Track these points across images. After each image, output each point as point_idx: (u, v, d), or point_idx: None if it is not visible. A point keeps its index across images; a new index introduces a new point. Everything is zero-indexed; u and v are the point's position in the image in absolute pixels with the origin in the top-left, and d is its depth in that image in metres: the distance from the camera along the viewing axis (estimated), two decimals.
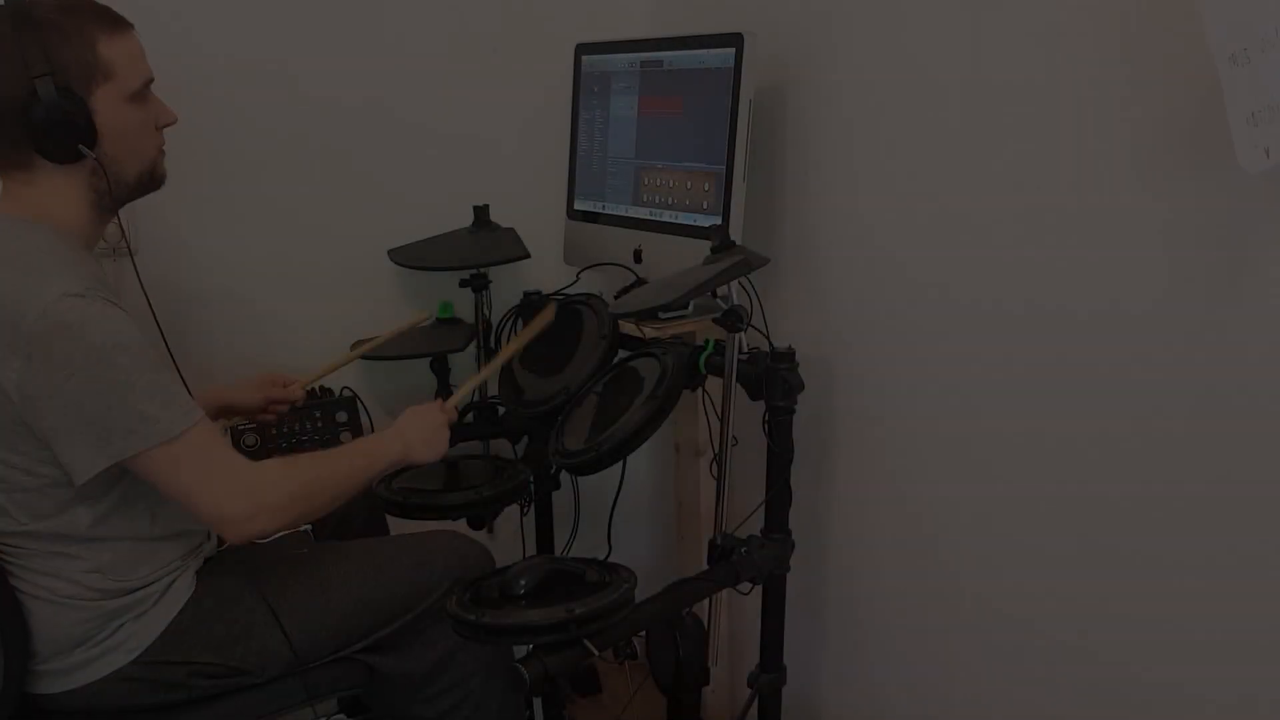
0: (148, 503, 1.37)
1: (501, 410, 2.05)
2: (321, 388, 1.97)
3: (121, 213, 1.42)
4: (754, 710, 1.68)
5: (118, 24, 1.34)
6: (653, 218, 1.83)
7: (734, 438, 1.60)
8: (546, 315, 1.78)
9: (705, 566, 1.59)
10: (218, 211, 1.87)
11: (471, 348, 2.04)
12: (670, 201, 1.80)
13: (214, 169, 1.84)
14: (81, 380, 1.21)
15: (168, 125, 1.42)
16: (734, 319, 1.49)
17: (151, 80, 1.39)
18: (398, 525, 1.80)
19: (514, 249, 1.93)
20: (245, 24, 1.83)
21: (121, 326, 1.24)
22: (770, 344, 1.57)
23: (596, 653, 1.30)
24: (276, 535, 1.43)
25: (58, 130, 1.29)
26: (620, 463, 1.57)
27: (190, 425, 1.27)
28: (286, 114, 1.89)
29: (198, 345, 1.89)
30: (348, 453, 1.48)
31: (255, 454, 1.82)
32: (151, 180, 1.42)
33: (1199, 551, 1.19)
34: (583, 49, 1.98)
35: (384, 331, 1.86)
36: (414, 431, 1.53)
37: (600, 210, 1.96)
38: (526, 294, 2.05)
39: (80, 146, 1.30)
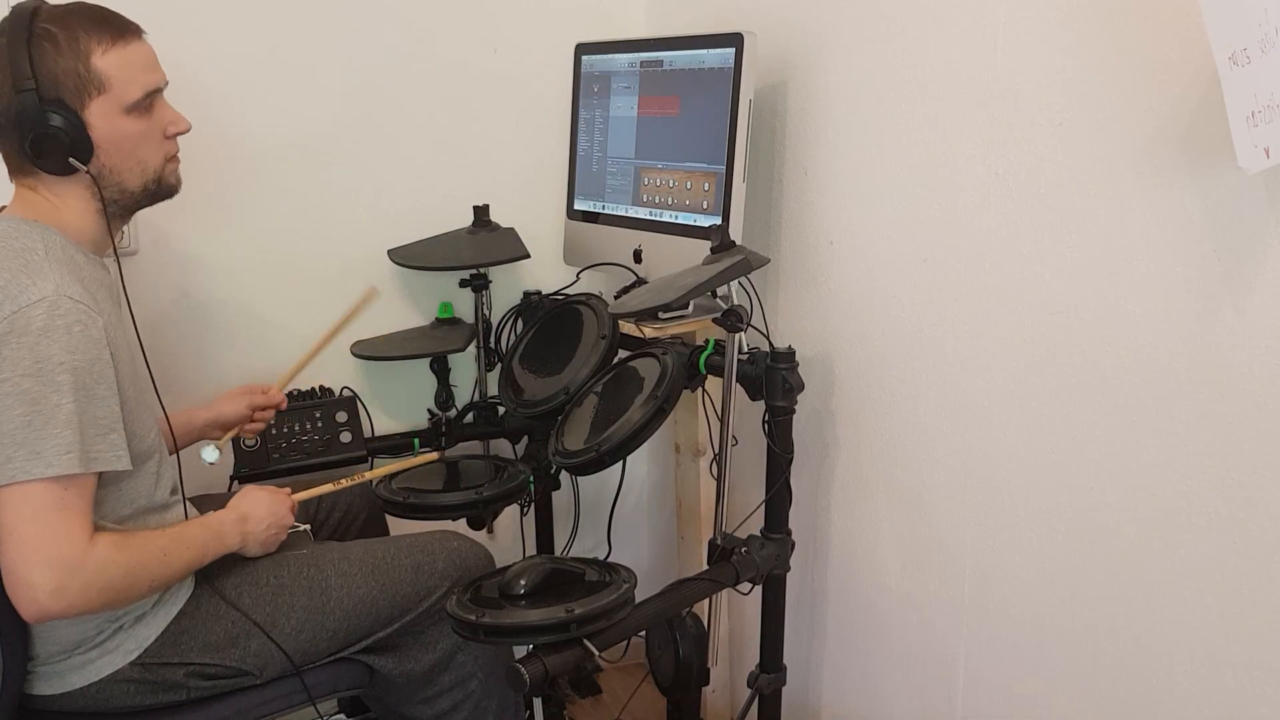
0: (139, 501, 1.37)
1: (501, 410, 2.05)
2: (321, 387, 1.97)
3: None
4: (754, 710, 1.68)
5: (121, 33, 1.32)
6: (653, 218, 1.83)
7: (734, 438, 1.60)
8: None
9: (705, 566, 1.60)
10: (217, 211, 1.87)
11: (472, 348, 2.04)
12: (670, 201, 1.80)
13: (213, 169, 1.83)
14: (12, 387, 1.19)
15: (180, 133, 1.40)
16: (734, 319, 1.49)
17: (159, 88, 1.37)
18: (397, 525, 1.80)
19: (514, 249, 1.93)
20: (245, 25, 1.83)
21: (82, 347, 1.22)
22: (770, 344, 1.57)
23: (596, 652, 1.30)
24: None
25: (46, 144, 1.27)
26: (620, 463, 1.57)
27: (77, 471, 1.21)
28: (286, 114, 1.89)
29: (198, 345, 1.89)
30: (184, 542, 1.37)
31: (254, 455, 1.83)
32: (160, 189, 1.40)
33: (1202, 551, 1.19)
34: (583, 49, 1.98)
35: (337, 318, 1.86)
36: (257, 527, 1.46)
37: (600, 210, 1.96)
38: (526, 294, 2.06)
39: (72, 160, 1.29)
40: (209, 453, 1.57)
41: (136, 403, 1.34)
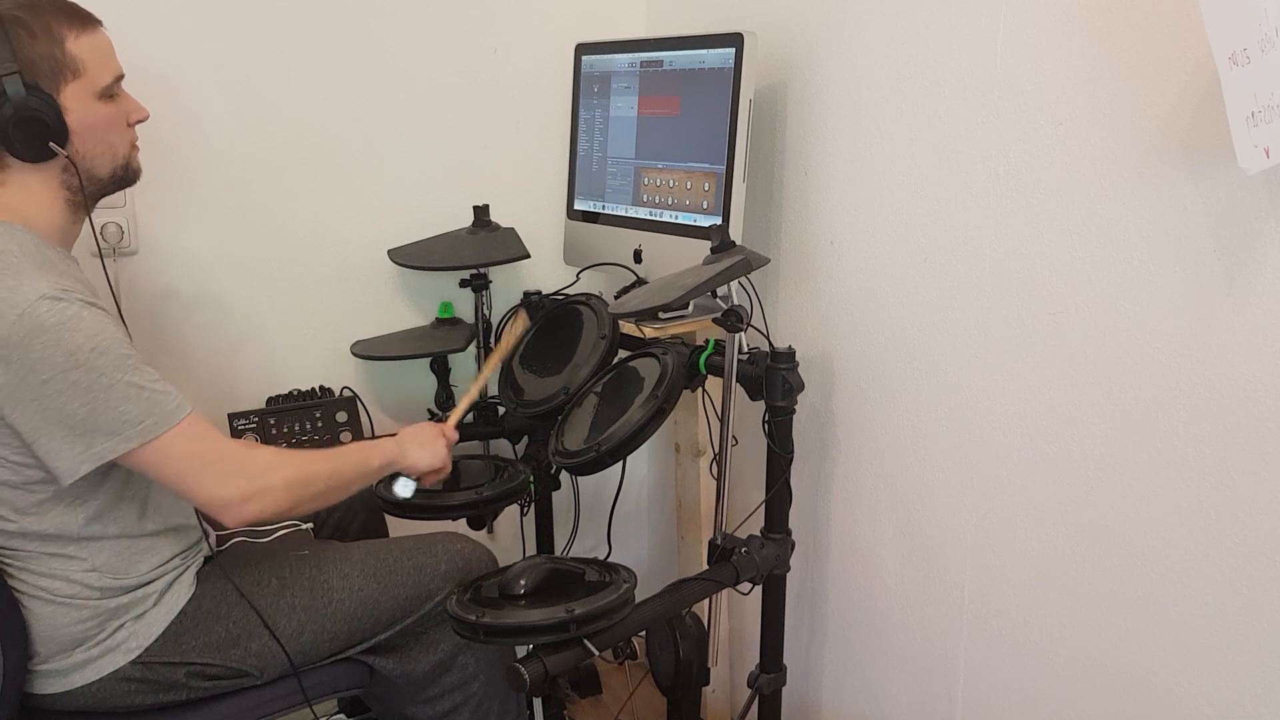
0: (136, 498, 1.38)
1: (501, 410, 2.05)
2: (322, 387, 1.97)
3: (121, 213, 1.42)
4: (754, 710, 1.68)
5: (86, 21, 1.33)
6: (653, 218, 1.83)
7: (734, 438, 1.60)
8: (518, 325, 1.83)
9: (705, 566, 1.60)
10: (217, 211, 1.87)
11: (471, 348, 2.04)
12: (670, 201, 1.80)
13: (214, 169, 1.84)
14: (61, 384, 1.21)
15: (140, 121, 1.42)
16: (734, 319, 1.49)
17: (121, 76, 1.38)
18: (397, 526, 1.80)
19: (514, 249, 1.93)
20: (245, 24, 1.83)
21: (99, 328, 1.24)
22: (770, 344, 1.56)
23: (596, 652, 1.30)
24: (275, 525, 1.43)
25: (28, 129, 1.28)
26: (620, 463, 1.57)
27: (173, 422, 1.27)
28: (287, 114, 1.89)
29: (198, 345, 1.89)
30: (341, 450, 1.49)
31: None
32: (127, 174, 1.42)
33: (1202, 551, 1.19)
34: (583, 49, 1.98)
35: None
36: (409, 436, 1.57)
37: (600, 210, 1.96)
38: (526, 294, 2.06)
39: (51, 144, 1.30)
40: (403, 486, 1.56)
41: None
